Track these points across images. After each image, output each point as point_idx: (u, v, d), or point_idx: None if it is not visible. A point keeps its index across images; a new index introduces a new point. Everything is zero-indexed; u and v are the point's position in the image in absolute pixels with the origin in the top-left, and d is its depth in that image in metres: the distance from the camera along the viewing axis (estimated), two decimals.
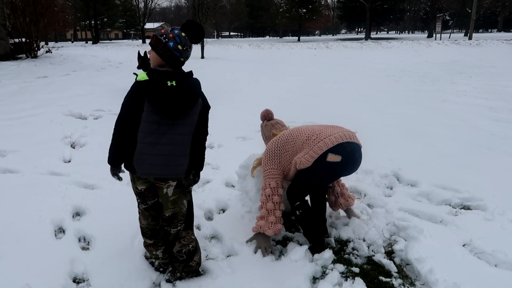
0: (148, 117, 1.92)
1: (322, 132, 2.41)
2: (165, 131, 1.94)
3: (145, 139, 1.94)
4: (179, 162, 1.99)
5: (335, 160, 2.30)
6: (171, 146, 1.95)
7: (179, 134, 1.97)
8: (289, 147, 2.53)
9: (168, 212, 2.11)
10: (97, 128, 5.27)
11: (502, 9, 54.82)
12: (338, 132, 2.39)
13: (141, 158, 1.96)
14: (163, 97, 1.86)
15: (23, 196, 3.15)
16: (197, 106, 2.00)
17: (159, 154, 1.94)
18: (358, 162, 2.48)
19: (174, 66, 1.95)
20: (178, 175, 2.02)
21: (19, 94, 7.66)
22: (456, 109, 6.69)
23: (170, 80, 1.88)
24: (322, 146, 2.32)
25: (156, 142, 1.94)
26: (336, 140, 2.33)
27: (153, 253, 2.25)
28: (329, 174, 2.42)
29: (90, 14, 50.39)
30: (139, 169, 1.97)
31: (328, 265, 2.41)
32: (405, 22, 77.44)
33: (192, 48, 1.99)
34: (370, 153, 4.28)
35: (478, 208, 3.11)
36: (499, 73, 11.38)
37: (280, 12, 56.78)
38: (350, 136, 2.42)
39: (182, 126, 1.97)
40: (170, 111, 1.89)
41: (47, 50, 16.39)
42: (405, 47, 25.06)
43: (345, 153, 2.33)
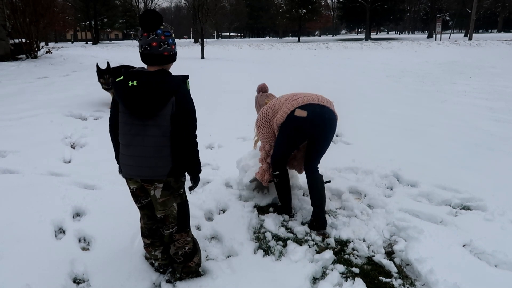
0: (121, 117, 1.96)
1: (298, 94, 2.77)
2: (137, 132, 1.92)
3: (122, 140, 1.99)
4: (154, 164, 1.94)
5: (302, 115, 2.63)
6: (141, 148, 1.92)
7: (151, 135, 1.91)
8: (274, 110, 2.87)
9: (159, 214, 2.09)
10: (97, 129, 5.27)
11: (502, 10, 54.83)
12: (312, 96, 2.74)
13: (122, 159, 2.01)
14: (123, 96, 1.88)
15: (23, 197, 3.15)
16: (168, 107, 1.88)
17: (131, 155, 1.95)
18: (327, 125, 2.73)
19: (146, 61, 1.94)
20: (156, 177, 1.97)
21: (19, 94, 7.66)
22: (456, 110, 6.69)
23: (132, 80, 1.86)
24: (294, 104, 2.69)
25: (129, 143, 1.95)
26: (307, 101, 2.68)
27: (151, 253, 2.25)
28: (297, 125, 2.69)
29: (90, 14, 50.39)
30: (123, 170, 2.04)
31: (328, 266, 2.41)
32: (405, 22, 77.45)
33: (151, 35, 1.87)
34: (370, 153, 4.30)
35: (478, 209, 3.11)
36: (499, 73, 11.38)
37: (280, 12, 56.77)
38: (324, 101, 2.74)
39: (154, 128, 1.90)
40: (133, 110, 1.88)
41: (47, 50, 16.39)
42: (405, 47, 25.07)
43: (312, 112, 2.64)
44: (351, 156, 4.09)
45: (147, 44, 1.87)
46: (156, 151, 1.93)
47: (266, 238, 2.71)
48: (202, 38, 19.54)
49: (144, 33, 1.89)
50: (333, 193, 3.43)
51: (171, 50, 1.93)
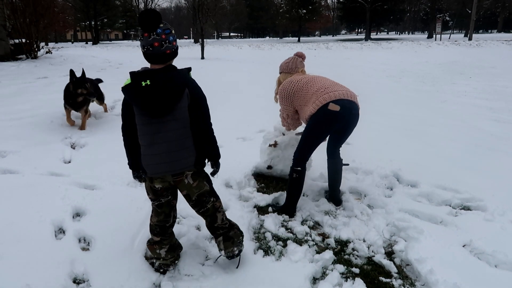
0: (139, 119, 1.99)
1: (329, 87, 2.87)
2: (158, 130, 1.97)
3: (143, 141, 2.02)
4: (181, 156, 2.03)
5: (335, 109, 2.73)
6: (166, 144, 1.99)
7: (172, 130, 1.98)
8: (301, 94, 3.00)
9: (193, 196, 2.17)
10: (97, 129, 5.27)
11: (502, 10, 54.88)
12: (342, 90, 2.85)
13: (145, 160, 2.04)
14: (139, 98, 1.90)
15: (23, 197, 3.15)
16: (184, 99, 1.96)
17: (156, 153, 2.00)
18: (354, 118, 2.91)
19: (150, 61, 1.97)
20: (185, 169, 2.07)
21: (20, 94, 7.66)
22: (456, 110, 6.69)
23: (144, 80, 1.88)
24: (326, 97, 2.78)
25: (152, 143, 1.99)
26: (339, 95, 2.79)
27: (156, 251, 2.26)
28: (330, 119, 2.80)
29: (90, 14, 50.40)
30: (147, 170, 2.05)
31: (328, 266, 2.41)
32: (405, 22, 77.48)
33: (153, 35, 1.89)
34: (370, 153, 4.30)
35: (478, 209, 3.11)
36: (499, 73, 11.38)
37: (280, 12, 56.78)
38: (352, 96, 2.87)
39: (173, 122, 1.97)
40: (151, 110, 1.92)
41: (47, 50, 16.39)
42: (405, 47, 25.07)
43: (343, 107, 2.75)
44: (351, 156, 4.08)
45: (149, 45, 1.90)
46: (180, 144, 2.01)
47: (266, 238, 2.71)
48: (202, 38, 19.54)
49: (144, 34, 1.90)
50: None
51: (172, 47, 1.96)
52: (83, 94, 4.89)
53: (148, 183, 2.15)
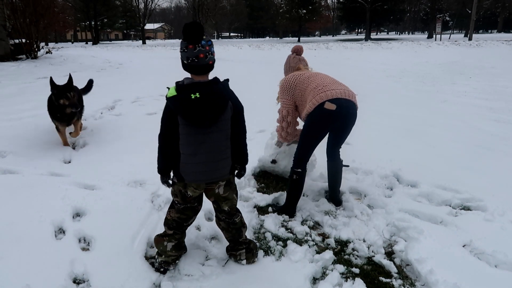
0: (183, 129, 2.03)
1: (328, 85, 2.85)
2: (202, 140, 2.04)
3: (186, 150, 2.07)
4: (221, 166, 2.13)
5: (331, 108, 2.73)
6: (210, 154, 2.07)
7: (216, 140, 2.07)
8: (302, 87, 3.00)
9: (225, 206, 2.29)
10: (97, 129, 5.27)
11: (502, 10, 54.88)
12: (340, 89, 2.82)
13: (185, 168, 2.09)
14: (189, 110, 1.95)
15: (23, 197, 3.15)
16: (228, 110, 2.05)
17: (200, 162, 2.07)
18: (350, 118, 2.89)
19: (191, 72, 2.02)
20: (222, 177, 2.18)
21: (20, 94, 7.67)
22: (456, 110, 6.69)
23: (194, 93, 1.94)
24: (323, 96, 2.76)
25: (196, 152, 2.06)
26: (336, 94, 2.77)
27: (163, 243, 2.28)
28: (326, 118, 2.80)
29: (90, 14, 50.41)
30: (186, 177, 2.11)
31: (328, 266, 2.41)
32: (405, 22, 77.49)
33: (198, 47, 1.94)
34: (370, 153, 4.30)
35: (478, 209, 3.11)
36: (499, 73, 11.38)
37: (280, 12, 56.79)
38: (350, 95, 2.84)
39: (217, 133, 2.06)
40: (199, 122, 1.98)
41: (47, 50, 16.40)
42: (405, 47, 25.07)
43: (340, 106, 2.74)
44: (351, 157, 4.08)
45: (194, 56, 1.95)
46: (221, 154, 2.11)
47: (266, 238, 2.71)
48: None
49: (189, 45, 1.94)
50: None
51: (213, 58, 2.03)
52: (66, 104, 4.10)
53: (179, 187, 2.19)
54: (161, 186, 3.39)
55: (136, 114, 6.26)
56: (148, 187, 3.42)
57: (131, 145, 4.56)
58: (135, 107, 6.83)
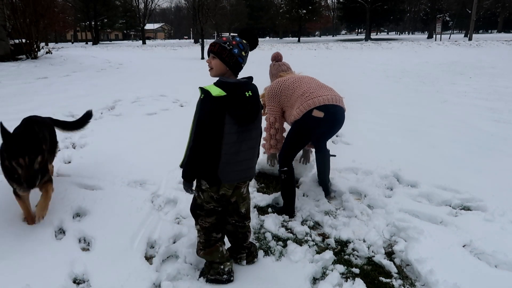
0: (230, 129, 1.97)
1: (315, 91, 2.88)
2: (244, 138, 2.04)
3: (230, 150, 2.01)
4: (255, 163, 2.20)
5: (319, 115, 2.80)
6: (250, 151, 2.10)
7: (254, 138, 2.12)
8: (288, 93, 3.02)
9: (242, 208, 2.28)
10: (97, 129, 5.27)
11: (502, 10, 54.90)
12: (327, 95, 2.87)
13: (226, 168, 2.03)
14: (244, 108, 1.97)
15: None
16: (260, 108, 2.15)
17: (243, 160, 2.07)
18: (338, 123, 2.98)
19: (236, 72, 2.06)
20: (254, 175, 2.28)
21: (19, 95, 7.67)
22: (456, 110, 6.69)
23: (247, 91, 1.99)
24: (310, 103, 2.81)
25: (239, 150, 2.04)
26: (323, 101, 2.81)
27: (219, 250, 2.21)
28: (313, 125, 2.88)
29: (90, 15, 50.40)
30: (226, 178, 2.05)
31: (328, 266, 2.41)
32: (405, 23, 77.50)
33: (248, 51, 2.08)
34: (370, 153, 4.30)
35: (478, 209, 3.11)
36: (499, 74, 11.38)
37: (280, 13, 56.83)
38: (337, 100, 2.89)
39: (255, 130, 2.12)
40: (251, 119, 2.03)
41: (47, 51, 16.41)
42: (405, 48, 25.08)
43: (328, 112, 2.81)
44: (351, 157, 4.08)
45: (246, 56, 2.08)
46: (256, 151, 2.18)
47: (266, 239, 2.71)
48: (202, 39, 19.55)
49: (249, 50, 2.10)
50: (333, 193, 3.42)
51: None
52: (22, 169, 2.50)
53: (209, 194, 2.12)
54: (161, 186, 3.42)
55: (136, 114, 6.26)
56: (148, 187, 3.42)
57: (131, 145, 4.56)
58: (135, 107, 6.83)
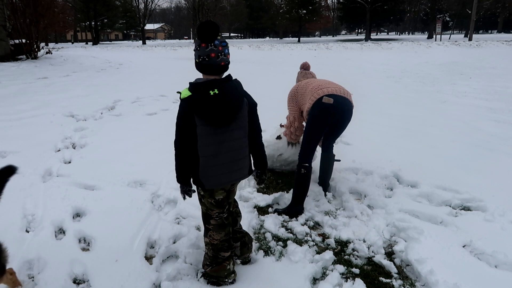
0: (202, 130, 1.93)
1: (324, 85, 3.09)
2: (222, 139, 1.96)
3: (206, 152, 1.96)
4: (241, 165, 2.07)
5: (329, 102, 2.94)
6: (231, 153, 2.00)
7: (236, 139, 2.00)
8: (302, 91, 3.25)
9: (231, 198, 2.21)
10: (97, 129, 5.28)
11: (502, 10, 54.91)
12: (336, 87, 3.07)
13: (207, 172, 1.99)
14: (209, 107, 1.87)
15: (23, 197, 3.15)
16: (244, 107, 2.01)
17: (223, 163, 1.99)
18: (347, 113, 3.09)
19: (206, 72, 1.94)
20: (243, 177, 2.12)
21: (19, 95, 7.67)
22: (456, 110, 6.69)
23: (212, 89, 1.87)
24: (320, 93, 3.01)
25: (217, 152, 1.97)
26: (332, 91, 3.02)
27: (227, 268, 2.17)
28: (325, 112, 2.99)
29: (90, 15, 50.44)
30: (207, 182, 2.01)
31: (328, 266, 2.41)
32: (405, 23, 77.50)
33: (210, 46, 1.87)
34: (370, 154, 4.30)
35: (478, 209, 3.11)
36: (499, 74, 11.38)
37: (280, 13, 56.84)
38: (345, 93, 3.08)
39: (237, 131, 2.00)
40: (219, 119, 1.91)
41: (47, 51, 16.42)
42: (405, 48, 25.09)
43: (337, 102, 2.97)
44: (351, 157, 4.08)
45: (206, 55, 1.88)
46: (242, 152, 2.06)
47: (266, 239, 2.71)
48: None
49: (202, 44, 1.88)
50: (333, 193, 3.43)
51: (227, 60, 1.95)
52: None
53: (208, 199, 2.10)
54: (161, 186, 3.42)
55: (136, 115, 6.26)
56: (148, 187, 3.42)
57: (131, 145, 4.56)
58: (135, 107, 6.84)
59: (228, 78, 1.97)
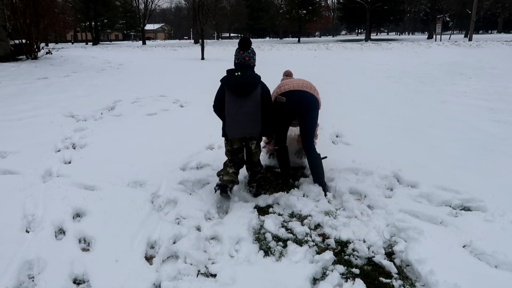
0: (228, 96, 3.05)
1: (284, 84, 3.47)
2: (241, 105, 3.03)
3: (229, 112, 3.06)
4: (254, 125, 3.09)
5: (281, 100, 3.37)
6: (246, 115, 3.04)
7: (250, 107, 3.04)
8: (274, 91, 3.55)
9: (254, 158, 3.34)
10: (97, 129, 5.27)
11: (502, 11, 54.93)
12: (293, 83, 3.44)
13: (229, 126, 3.09)
14: (233, 82, 3.01)
15: (23, 197, 3.15)
16: (258, 88, 3.07)
17: (240, 121, 3.05)
18: (305, 105, 3.40)
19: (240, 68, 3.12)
20: (254, 134, 3.14)
21: (19, 95, 7.67)
22: (456, 110, 6.69)
23: (237, 72, 3.03)
24: (278, 91, 3.43)
25: (236, 113, 3.05)
26: (287, 88, 3.40)
27: (226, 169, 3.23)
28: (280, 109, 3.41)
29: (90, 15, 50.42)
30: (230, 133, 3.11)
31: (328, 266, 2.41)
32: (405, 23, 77.48)
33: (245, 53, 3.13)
34: (370, 154, 4.30)
35: (478, 209, 3.11)
36: (499, 74, 11.38)
37: (280, 13, 56.83)
38: (305, 86, 3.43)
39: (251, 102, 3.04)
40: (239, 91, 3.00)
41: (47, 51, 16.42)
42: (405, 48, 25.10)
43: (291, 97, 3.35)
44: (351, 157, 4.09)
45: (242, 58, 3.13)
46: (254, 116, 3.07)
47: (266, 239, 2.71)
48: (202, 39, 19.56)
49: (240, 51, 3.13)
50: (333, 193, 3.43)
51: (254, 62, 3.20)
52: None
53: (227, 147, 3.29)
54: (161, 186, 3.43)
55: (136, 115, 6.26)
56: (148, 188, 3.42)
57: (131, 145, 4.56)
58: (135, 107, 6.84)
59: (251, 69, 3.15)
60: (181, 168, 3.90)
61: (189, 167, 3.94)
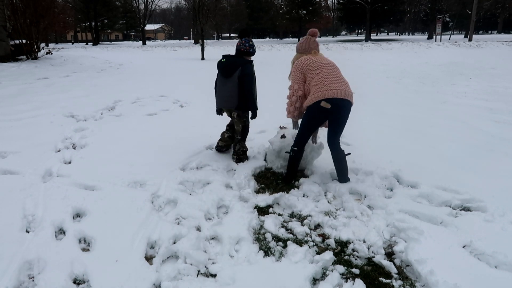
0: (218, 76, 3.97)
1: (328, 84, 3.28)
2: (224, 83, 3.88)
3: (217, 88, 4.03)
4: (231, 100, 3.88)
5: (326, 106, 3.26)
6: (225, 92, 3.88)
7: (229, 86, 3.83)
8: (310, 74, 3.40)
9: (236, 127, 4.09)
10: (97, 129, 5.28)
11: (502, 11, 54.88)
12: (338, 89, 3.27)
13: (216, 99, 4.06)
14: (219, 66, 3.90)
15: (23, 197, 3.15)
16: (237, 71, 3.75)
17: (221, 96, 3.98)
18: (344, 114, 3.38)
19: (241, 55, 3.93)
20: (230, 107, 3.94)
21: (20, 95, 7.68)
22: (456, 111, 6.69)
23: (222, 59, 3.88)
24: (320, 95, 3.26)
25: (220, 89, 3.97)
26: (333, 94, 3.24)
27: (223, 134, 4.26)
28: (320, 114, 3.36)
29: (90, 15, 50.40)
30: (217, 104, 4.07)
31: (328, 266, 2.41)
32: (405, 23, 77.45)
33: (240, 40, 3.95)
34: (370, 154, 4.30)
35: (478, 210, 3.11)
36: (499, 74, 11.39)
37: (280, 13, 56.86)
38: (346, 94, 3.30)
39: (231, 82, 3.80)
40: (222, 73, 3.86)
41: (47, 51, 16.41)
42: (405, 48, 25.09)
43: (335, 105, 3.26)
44: (351, 157, 4.08)
45: (237, 44, 3.91)
46: (231, 94, 3.85)
47: (266, 239, 2.71)
48: (202, 39, 19.57)
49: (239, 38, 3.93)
50: (333, 193, 3.43)
51: (245, 48, 3.89)
52: None
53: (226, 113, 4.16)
54: (161, 186, 3.43)
55: (136, 115, 6.26)
56: (148, 188, 3.42)
57: (131, 146, 4.56)
58: (135, 107, 6.84)
59: (237, 56, 3.91)
60: (181, 168, 3.90)
61: (189, 167, 3.94)
